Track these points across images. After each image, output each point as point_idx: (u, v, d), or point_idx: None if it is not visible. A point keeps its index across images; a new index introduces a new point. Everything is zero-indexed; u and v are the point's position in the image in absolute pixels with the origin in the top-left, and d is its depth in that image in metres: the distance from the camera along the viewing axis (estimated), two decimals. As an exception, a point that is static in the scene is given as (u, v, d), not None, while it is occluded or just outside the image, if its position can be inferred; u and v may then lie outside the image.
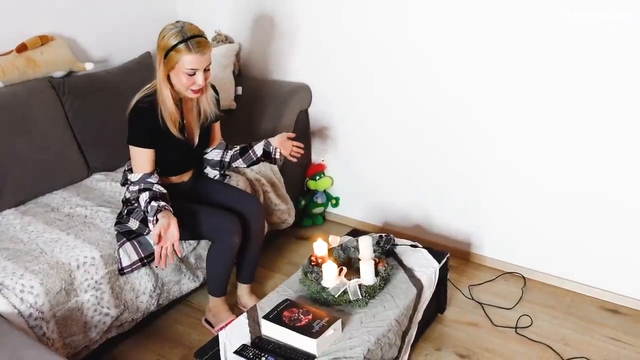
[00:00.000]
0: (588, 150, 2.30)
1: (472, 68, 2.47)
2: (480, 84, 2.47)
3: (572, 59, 2.22)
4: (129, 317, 2.18)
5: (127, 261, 2.12)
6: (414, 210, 2.88)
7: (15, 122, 2.42)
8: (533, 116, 2.38)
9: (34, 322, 1.88)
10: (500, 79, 2.41)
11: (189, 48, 1.98)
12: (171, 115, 2.08)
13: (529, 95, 2.37)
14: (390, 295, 2.05)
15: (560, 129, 2.34)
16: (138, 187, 2.06)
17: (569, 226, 2.44)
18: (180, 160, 2.26)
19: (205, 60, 2.03)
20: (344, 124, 2.97)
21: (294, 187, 3.01)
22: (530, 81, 2.34)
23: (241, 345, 1.82)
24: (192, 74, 2.02)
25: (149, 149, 2.08)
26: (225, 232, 2.15)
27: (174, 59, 1.99)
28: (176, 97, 2.10)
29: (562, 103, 2.30)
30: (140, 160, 2.09)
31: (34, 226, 2.22)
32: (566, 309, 2.40)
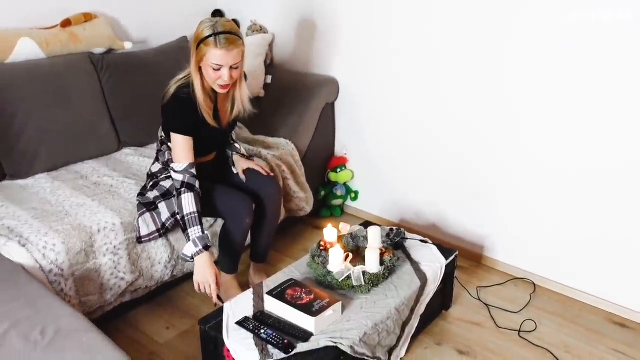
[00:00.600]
0: (605, 164, 2.29)
1: (492, 71, 2.49)
2: (500, 88, 2.49)
3: (594, 63, 2.22)
4: (143, 284, 2.28)
5: (146, 230, 2.22)
6: (430, 210, 2.91)
7: (54, 92, 2.56)
8: (554, 122, 2.39)
9: (54, 278, 1.99)
10: (520, 81, 2.42)
11: (216, 43, 1.99)
12: (203, 104, 2.12)
13: (549, 100, 2.37)
14: (394, 285, 2.09)
15: (581, 138, 2.34)
16: (182, 179, 2.11)
17: (584, 237, 2.43)
18: (209, 145, 2.34)
19: (232, 57, 2.02)
20: (368, 119, 3.02)
21: (315, 177, 3.08)
22: (549, 85, 2.35)
23: (243, 317, 1.89)
24: (218, 69, 2.04)
25: (190, 137, 2.13)
26: (237, 213, 2.22)
27: (203, 51, 2.03)
28: (209, 87, 2.14)
29: (583, 110, 2.30)
30: (181, 149, 2.12)
31: (63, 191, 2.35)
32: (573, 318, 2.39)
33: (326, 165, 3.17)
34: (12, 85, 2.45)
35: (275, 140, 2.88)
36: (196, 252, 2.08)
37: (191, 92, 2.11)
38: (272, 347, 1.76)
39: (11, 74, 2.47)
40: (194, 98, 2.11)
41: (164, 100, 2.15)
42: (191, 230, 2.09)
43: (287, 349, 1.74)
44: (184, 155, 2.12)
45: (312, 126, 2.99)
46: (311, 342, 1.78)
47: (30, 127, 2.47)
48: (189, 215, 2.09)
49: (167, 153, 2.26)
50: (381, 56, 2.86)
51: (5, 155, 2.43)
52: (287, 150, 2.83)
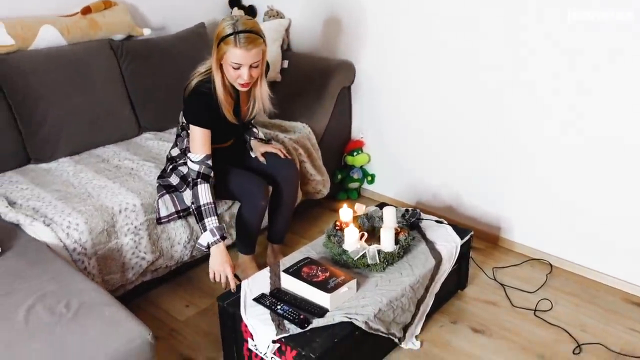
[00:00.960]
0: (622, 144, 2.27)
1: (508, 54, 2.47)
2: (515, 69, 2.48)
3: (612, 37, 2.20)
4: (163, 264, 2.34)
5: (165, 212, 2.27)
6: (447, 192, 2.92)
7: (75, 78, 2.62)
8: (571, 101, 2.37)
9: (77, 257, 2.06)
10: (536, 63, 2.41)
11: (236, 42, 2.00)
12: (223, 100, 2.15)
13: (566, 80, 2.36)
14: (409, 264, 2.11)
15: (599, 118, 2.32)
16: (198, 169, 2.15)
17: (601, 217, 2.42)
18: (228, 135, 2.36)
19: (252, 57, 2.02)
20: (384, 103, 3.03)
21: (332, 160, 3.10)
22: (566, 64, 2.33)
23: (260, 294, 1.93)
24: (237, 67, 2.04)
25: (208, 129, 2.16)
26: (252, 195, 2.26)
27: (223, 49, 2.04)
28: (229, 85, 2.15)
29: (602, 88, 2.28)
30: (199, 140, 2.15)
31: (85, 174, 2.41)
32: (589, 298, 2.39)
33: (343, 148, 3.19)
34: (34, 71, 2.51)
35: (292, 123, 2.91)
36: (213, 241, 2.11)
37: (212, 88, 2.13)
38: (288, 322, 1.80)
39: (34, 61, 2.53)
40: (215, 94, 2.14)
41: (185, 92, 2.18)
42: (208, 220, 2.12)
43: (303, 324, 1.78)
44: (201, 147, 2.16)
45: (328, 110, 3.01)
46: (326, 317, 1.82)
47: (53, 112, 2.53)
48: (206, 206, 2.13)
49: (186, 140, 2.30)
50: (398, 39, 2.86)
51: (29, 140, 2.50)
52: (303, 134, 2.85)
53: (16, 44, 2.49)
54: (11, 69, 2.46)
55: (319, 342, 1.73)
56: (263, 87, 2.21)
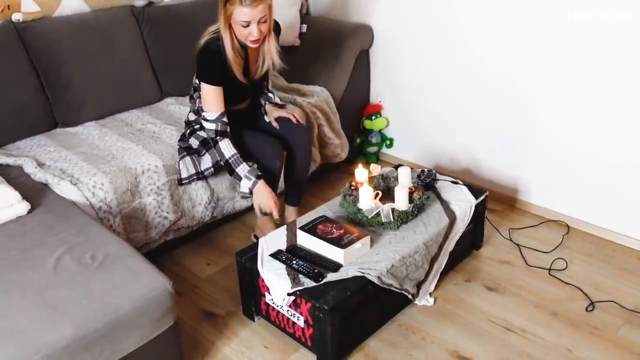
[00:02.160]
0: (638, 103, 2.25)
1: (527, 14, 2.45)
2: (534, 31, 2.45)
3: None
4: (185, 224, 2.42)
5: (186, 173, 2.35)
6: (464, 155, 2.93)
7: (98, 44, 2.68)
8: (587, 64, 2.35)
9: (103, 215, 2.15)
10: (551, 29, 2.38)
11: (241, 1, 2.04)
12: (234, 61, 2.19)
13: (581, 42, 2.33)
14: (423, 222, 2.15)
15: (613, 78, 2.29)
16: (215, 127, 2.21)
17: (618, 178, 2.41)
18: (241, 95, 2.40)
19: (259, 12, 2.06)
20: (402, 67, 3.03)
21: (351, 124, 3.13)
22: (581, 30, 2.30)
23: (277, 250, 2.00)
24: (246, 25, 2.08)
25: (219, 87, 2.21)
26: (267, 155, 2.31)
27: (229, 10, 2.08)
28: (238, 45, 2.19)
29: (618, 51, 2.25)
30: (211, 98, 2.20)
31: (109, 137, 2.49)
32: (605, 257, 2.40)
33: (361, 112, 3.21)
34: (59, 38, 2.58)
35: (310, 87, 2.94)
36: (252, 184, 2.21)
37: (221, 48, 2.17)
38: (303, 276, 1.87)
39: (58, 27, 2.60)
40: (224, 53, 2.17)
41: (195, 50, 2.23)
42: (239, 168, 2.21)
43: (317, 278, 1.84)
44: (214, 105, 2.21)
45: (346, 73, 3.03)
46: (340, 272, 1.88)
47: (78, 78, 2.61)
48: (232, 158, 2.21)
49: (198, 100, 2.35)
50: (417, 2, 2.84)
51: (56, 104, 2.59)
52: (322, 97, 2.88)
53: (41, 11, 2.57)
54: (38, 36, 2.54)
55: (332, 295, 1.79)
56: (272, 43, 2.25)
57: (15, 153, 2.39)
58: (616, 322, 2.05)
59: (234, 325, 2.10)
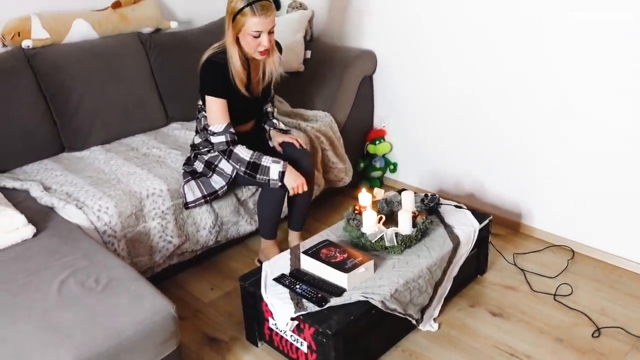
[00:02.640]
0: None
1: (529, 40, 2.48)
2: (537, 57, 2.48)
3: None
4: (189, 248, 2.43)
5: (192, 197, 2.36)
6: (468, 180, 2.94)
7: (106, 70, 2.73)
8: (590, 89, 2.37)
9: (108, 239, 2.16)
10: (556, 55, 2.41)
11: (254, 11, 2.10)
12: (239, 74, 2.23)
13: (585, 69, 2.35)
14: (426, 246, 2.15)
15: (618, 103, 2.31)
16: (224, 139, 2.23)
17: (623, 203, 2.41)
18: (244, 112, 2.43)
19: (269, 22, 2.15)
20: (406, 92, 3.06)
21: (354, 149, 3.15)
22: (586, 55, 2.33)
23: (280, 274, 2.00)
24: (258, 36, 2.14)
25: (223, 99, 2.24)
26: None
27: (241, 22, 2.13)
28: (243, 58, 2.25)
29: (623, 73, 2.27)
30: (216, 111, 2.24)
31: (115, 161, 2.52)
32: (611, 283, 2.39)
33: (365, 137, 3.23)
34: (68, 64, 2.63)
35: (314, 112, 2.97)
36: (282, 167, 2.23)
37: (226, 59, 2.21)
38: (306, 300, 1.86)
39: (67, 54, 2.65)
40: (229, 65, 2.22)
41: (199, 66, 2.27)
42: (264, 160, 2.24)
43: (321, 303, 1.84)
44: (220, 117, 2.24)
45: (350, 99, 3.06)
46: (343, 296, 1.87)
47: (86, 103, 2.65)
48: (252, 157, 2.24)
49: (203, 119, 2.38)
50: (419, 28, 2.89)
51: (63, 129, 2.62)
52: (325, 122, 2.91)
53: (51, 38, 2.62)
54: (46, 62, 2.59)
55: (336, 320, 1.79)
56: (275, 54, 2.31)
57: (22, 177, 2.41)
58: (623, 349, 2.03)
59: (237, 350, 2.09)
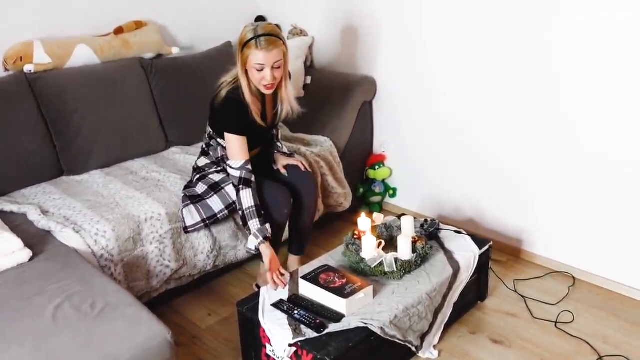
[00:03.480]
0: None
1: (529, 69, 2.50)
2: (540, 86, 2.50)
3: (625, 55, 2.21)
4: (187, 272, 2.40)
5: (191, 221, 2.34)
6: (468, 206, 2.93)
7: (108, 95, 2.74)
8: (589, 114, 2.38)
9: (104, 263, 2.14)
10: (558, 79, 2.43)
11: (257, 45, 2.11)
12: (251, 104, 2.23)
13: (586, 96, 2.37)
14: (426, 272, 2.13)
15: (619, 129, 2.32)
16: (239, 175, 2.23)
17: (624, 230, 2.40)
18: (256, 142, 2.42)
19: (272, 57, 2.12)
20: (405, 117, 3.08)
21: (354, 174, 3.15)
22: (586, 83, 2.35)
23: (278, 300, 1.98)
24: (261, 69, 2.15)
25: (244, 137, 2.25)
26: (277, 203, 2.32)
27: (246, 54, 2.15)
28: (256, 89, 2.24)
29: (618, 106, 2.28)
30: (237, 148, 2.23)
31: (114, 185, 2.51)
32: (613, 310, 2.36)
33: (365, 162, 3.23)
34: (70, 89, 2.64)
35: (314, 137, 2.98)
36: (258, 243, 2.19)
37: (241, 95, 2.22)
38: (304, 326, 1.84)
39: (69, 78, 2.67)
40: (244, 100, 2.22)
41: (215, 101, 2.26)
42: (251, 223, 2.20)
43: (319, 329, 1.81)
44: (239, 154, 2.24)
45: (350, 124, 3.07)
46: (342, 322, 1.85)
47: (86, 127, 2.65)
48: (248, 210, 2.21)
49: (220, 149, 2.38)
50: (419, 55, 2.92)
51: (63, 153, 2.62)
52: (325, 147, 2.91)
53: (53, 63, 2.64)
54: (48, 87, 2.60)
55: (334, 346, 1.76)
56: (288, 89, 2.31)
57: (20, 200, 2.40)
58: (626, 378, 2.00)
59: (234, 377, 2.06)
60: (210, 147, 2.43)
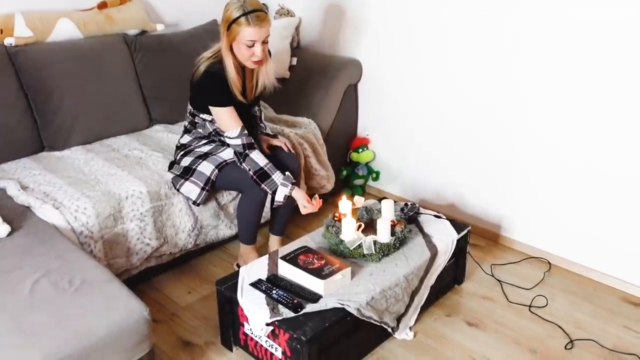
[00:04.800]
0: (619, 143, 2.30)
1: (509, 57, 2.51)
2: (518, 68, 2.51)
3: (611, 44, 2.23)
4: (167, 251, 2.41)
5: (194, 195, 2.33)
6: (450, 190, 2.96)
7: (90, 71, 2.71)
8: (569, 102, 2.40)
9: (84, 239, 2.14)
10: (532, 67, 2.45)
11: (249, 21, 2.12)
12: (234, 81, 2.24)
13: (563, 82, 2.39)
14: (404, 255, 2.16)
15: (594, 116, 2.35)
16: (241, 142, 2.24)
17: (601, 217, 2.44)
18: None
19: (264, 33, 2.16)
20: (390, 101, 3.08)
21: (337, 157, 3.16)
22: (561, 68, 2.37)
23: (257, 279, 2.00)
24: (251, 45, 2.16)
25: (231, 106, 2.25)
26: (252, 187, 2.31)
27: (235, 31, 2.14)
28: (238, 66, 2.26)
29: (597, 86, 2.31)
30: (228, 118, 2.24)
31: (96, 162, 2.50)
32: (586, 296, 2.41)
33: (348, 145, 3.24)
34: (51, 63, 2.61)
35: (298, 119, 2.98)
36: (289, 190, 2.24)
37: (222, 69, 2.22)
38: (282, 306, 1.86)
39: (50, 53, 2.63)
40: (226, 76, 2.22)
41: (194, 77, 2.26)
42: (274, 176, 2.24)
43: (297, 309, 1.84)
44: (232, 123, 2.25)
45: (334, 107, 3.07)
46: (319, 303, 1.87)
47: (67, 102, 2.63)
48: (267, 166, 2.25)
49: (208, 124, 2.36)
50: (405, 39, 2.91)
51: (44, 128, 2.60)
52: (309, 129, 2.92)
53: (34, 36, 2.60)
54: (28, 60, 2.57)
55: (311, 326, 1.79)
56: (269, 64, 2.32)
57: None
58: (595, 361, 2.05)
59: (211, 355, 2.07)
60: (197, 124, 2.42)
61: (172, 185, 2.37)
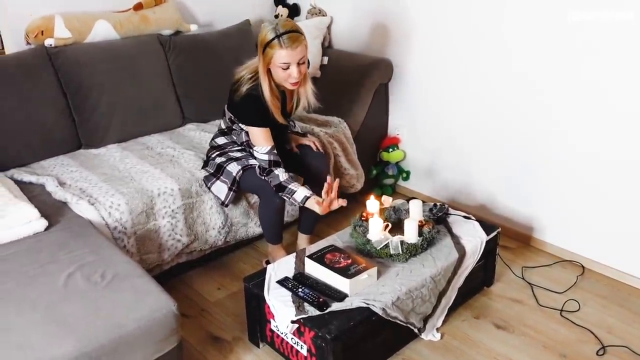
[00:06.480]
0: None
1: (546, 55, 2.47)
2: (554, 72, 2.47)
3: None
4: (198, 247, 2.46)
5: (222, 195, 2.38)
6: (480, 191, 2.92)
7: (126, 70, 2.78)
8: (606, 105, 2.35)
9: (118, 235, 2.20)
10: (572, 64, 2.40)
11: (281, 44, 2.10)
12: (271, 103, 2.24)
13: (600, 84, 2.33)
14: (432, 256, 2.15)
15: (634, 119, 2.28)
16: (268, 159, 2.25)
17: (637, 220, 2.37)
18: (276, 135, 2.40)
19: (297, 54, 2.13)
20: (421, 101, 3.07)
21: (368, 156, 3.16)
22: (600, 68, 2.31)
23: (284, 277, 2.02)
24: (286, 67, 2.15)
25: (267, 127, 2.26)
26: (268, 192, 2.32)
27: (269, 54, 2.14)
28: (276, 88, 2.25)
29: (633, 91, 2.25)
30: (261, 137, 2.26)
31: (130, 159, 2.57)
32: (620, 301, 2.35)
33: (379, 144, 3.24)
34: (89, 63, 2.69)
35: (328, 118, 2.99)
36: (310, 193, 2.22)
37: (261, 95, 2.22)
38: (308, 304, 1.87)
39: (88, 53, 2.71)
40: (264, 100, 2.23)
41: (235, 96, 2.25)
42: (292, 185, 2.23)
43: (322, 307, 1.85)
44: (264, 141, 2.26)
45: (365, 106, 3.07)
46: (345, 302, 1.88)
47: (104, 101, 2.70)
48: (286, 181, 2.24)
49: (244, 134, 2.38)
50: (436, 38, 2.89)
51: (81, 126, 2.68)
52: (339, 128, 2.92)
53: (73, 37, 2.68)
54: (68, 61, 2.65)
55: (336, 325, 1.80)
56: (308, 84, 2.31)
57: (38, 172, 2.47)
58: (628, 368, 2.01)
59: (239, 350, 2.11)
60: (234, 131, 2.44)
61: (204, 183, 2.42)
